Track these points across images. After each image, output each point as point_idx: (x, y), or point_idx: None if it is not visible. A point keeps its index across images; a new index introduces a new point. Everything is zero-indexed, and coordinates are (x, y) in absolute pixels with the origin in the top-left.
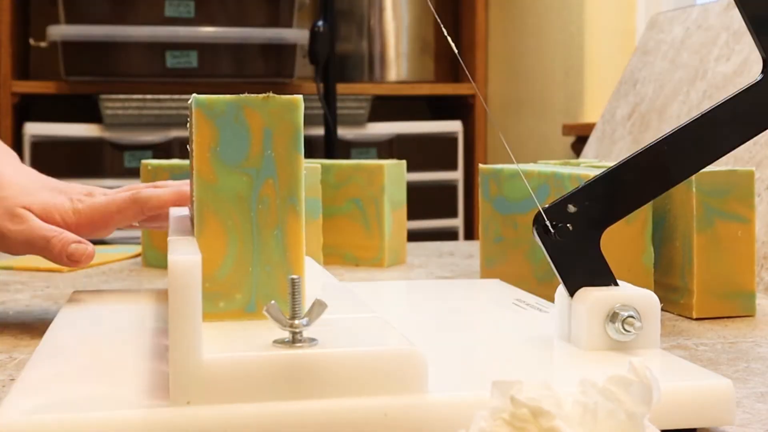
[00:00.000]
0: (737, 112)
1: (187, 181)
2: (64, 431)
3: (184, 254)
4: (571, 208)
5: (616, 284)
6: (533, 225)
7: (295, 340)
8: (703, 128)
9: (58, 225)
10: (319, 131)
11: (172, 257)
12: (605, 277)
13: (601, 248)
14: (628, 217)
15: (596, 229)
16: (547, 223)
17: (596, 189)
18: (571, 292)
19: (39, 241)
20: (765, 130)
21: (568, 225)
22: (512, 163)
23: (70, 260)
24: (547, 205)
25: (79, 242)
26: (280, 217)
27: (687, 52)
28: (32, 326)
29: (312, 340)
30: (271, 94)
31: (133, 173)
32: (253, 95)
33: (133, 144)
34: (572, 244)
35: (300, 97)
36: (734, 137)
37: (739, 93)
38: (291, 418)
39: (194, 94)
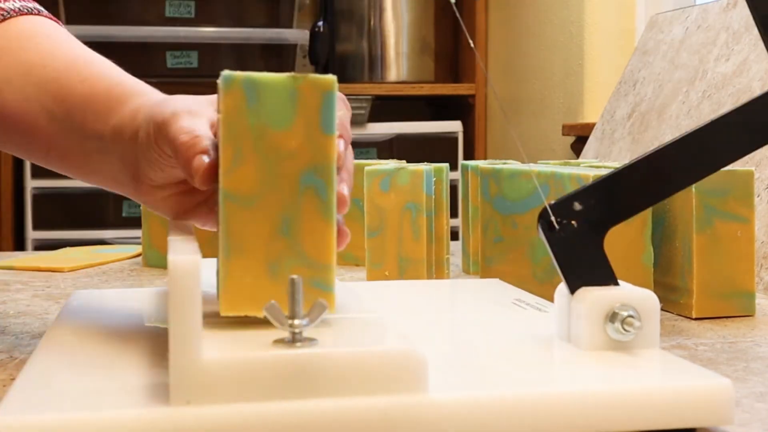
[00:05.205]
0: (746, 121)
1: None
2: (64, 431)
3: (184, 254)
4: (577, 206)
5: (617, 284)
6: (538, 221)
7: (294, 340)
8: (711, 135)
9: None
10: None
11: (172, 257)
12: (607, 277)
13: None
14: None
15: (600, 228)
16: (553, 219)
17: (603, 188)
18: (572, 290)
19: (171, 143)
20: None
21: (573, 222)
22: (512, 162)
23: (191, 173)
24: (553, 202)
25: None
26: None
27: (686, 53)
28: (32, 326)
29: (312, 340)
30: (299, 74)
31: None
32: (285, 74)
33: None
34: (576, 242)
35: (334, 77)
36: (742, 146)
37: (750, 102)
38: (291, 418)
39: (224, 71)
